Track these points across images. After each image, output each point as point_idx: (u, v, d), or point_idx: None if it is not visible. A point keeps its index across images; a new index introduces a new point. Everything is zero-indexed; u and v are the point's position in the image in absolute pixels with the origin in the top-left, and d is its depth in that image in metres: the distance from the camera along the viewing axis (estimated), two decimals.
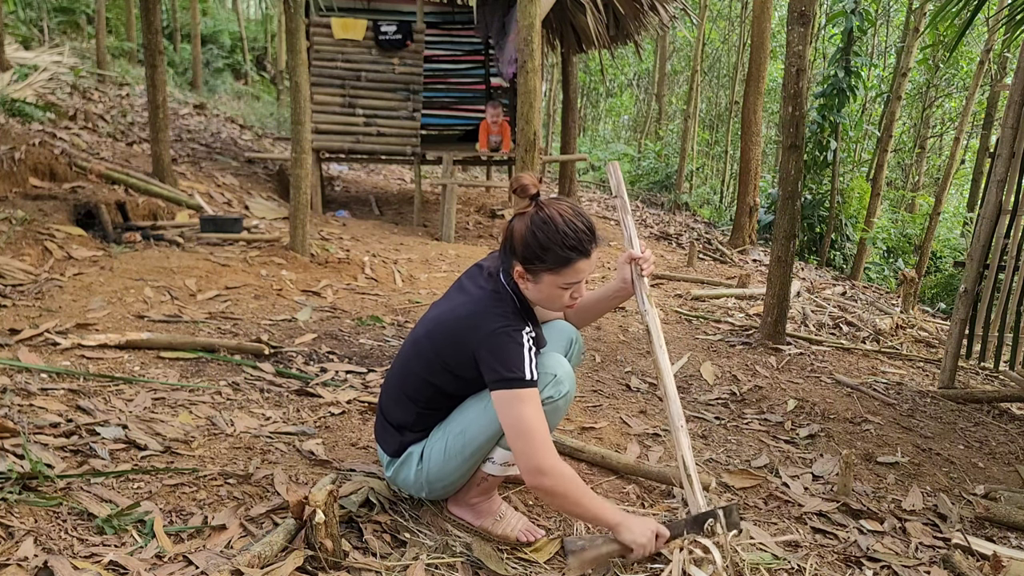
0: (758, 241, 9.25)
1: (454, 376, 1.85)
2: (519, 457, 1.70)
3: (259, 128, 12.22)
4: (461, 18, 9.65)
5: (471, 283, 1.91)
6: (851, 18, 9.32)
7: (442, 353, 1.84)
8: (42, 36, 11.00)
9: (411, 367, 1.91)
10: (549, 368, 1.83)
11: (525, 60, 3.94)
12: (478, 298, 1.83)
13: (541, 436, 1.69)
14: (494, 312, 1.78)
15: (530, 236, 1.76)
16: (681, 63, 19.68)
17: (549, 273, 1.77)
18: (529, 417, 1.69)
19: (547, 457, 1.69)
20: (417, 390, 1.90)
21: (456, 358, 1.81)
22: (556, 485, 1.69)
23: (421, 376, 1.89)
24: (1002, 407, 3.70)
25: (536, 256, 1.76)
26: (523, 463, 1.70)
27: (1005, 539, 2.36)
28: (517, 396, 1.70)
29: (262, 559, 1.66)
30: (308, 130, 5.01)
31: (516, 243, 1.78)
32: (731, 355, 4.01)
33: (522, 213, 1.81)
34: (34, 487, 1.82)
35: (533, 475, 1.68)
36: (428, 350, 1.87)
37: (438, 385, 1.87)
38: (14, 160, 5.31)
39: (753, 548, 2.06)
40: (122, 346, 2.95)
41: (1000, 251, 3.81)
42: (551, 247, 1.74)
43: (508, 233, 1.82)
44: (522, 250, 1.77)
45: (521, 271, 1.80)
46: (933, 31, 9.63)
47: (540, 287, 1.81)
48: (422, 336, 1.91)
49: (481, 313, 1.78)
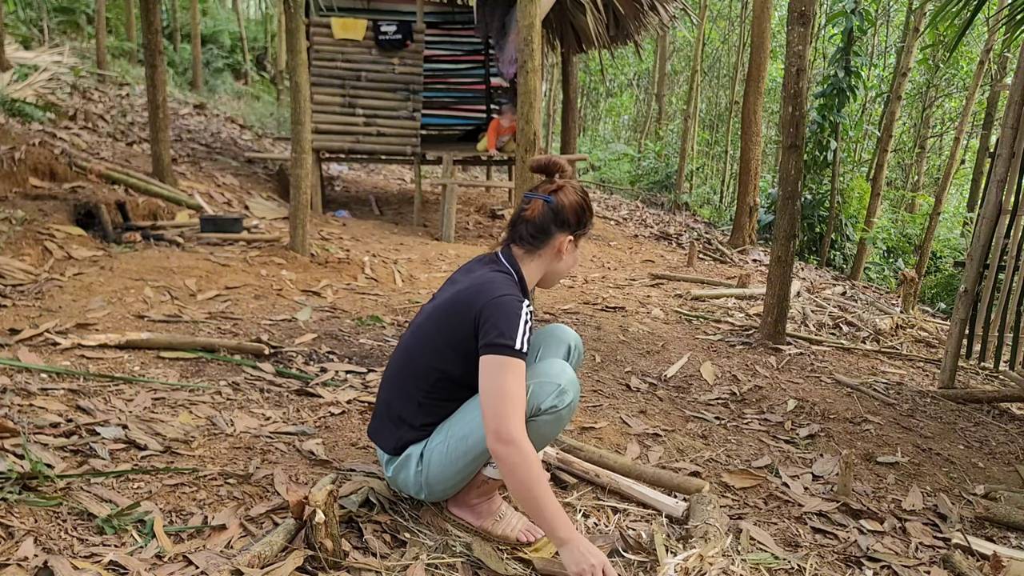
0: (758, 241, 9.25)
1: (455, 353, 1.83)
2: (487, 416, 1.68)
3: (259, 128, 12.22)
4: (461, 18, 9.65)
5: (471, 271, 1.95)
6: (851, 18, 9.32)
7: (443, 328, 1.85)
8: (42, 36, 11.00)
9: (413, 353, 1.91)
10: (554, 377, 1.83)
11: (525, 60, 3.94)
12: (485, 276, 1.87)
13: (515, 404, 1.68)
14: (502, 283, 1.84)
15: (583, 201, 1.93)
16: (681, 63, 19.68)
17: (585, 238, 1.99)
18: (510, 384, 1.69)
19: (516, 426, 1.66)
20: (420, 377, 1.89)
21: (459, 329, 1.81)
22: (515, 459, 1.65)
23: (424, 361, 1.88)
24: (1002, 407, 3.70)
25: (586, 221, 1.95)
26: (490, 423, 1.67)
27: (1005, 539, 2.36)
28: (504, 363, 1.70)
29: (262, 559, 1.66)
30: (308, 130, 5.02)
31: (568, 213, 1.91)
32: (731, 355, 4.01)
33: (560, 187, 1.93)
34: (34, 487, 1.82)
35: (495, 438, 1.66)
36: (431, 331, 1.88)
37: (441, 369, 1.86)
38: (14, 160, 5.31)
39: (753, 548, 2.06)
40: (122, 346, 2.95)
41: (1000, 251, 3.81)
42: (589, 211, 1.96)
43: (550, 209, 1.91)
44: (575, 218, 1.92)
45: (571, 239, 1.94)
46: (933, 31, 9.63)
47: (575, 254, 1.98)
48: (423, 322, 1.93)
49: (490, 282, 1.84)
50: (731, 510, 2.32)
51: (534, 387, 1.81)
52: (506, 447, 1.65)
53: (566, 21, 8.18)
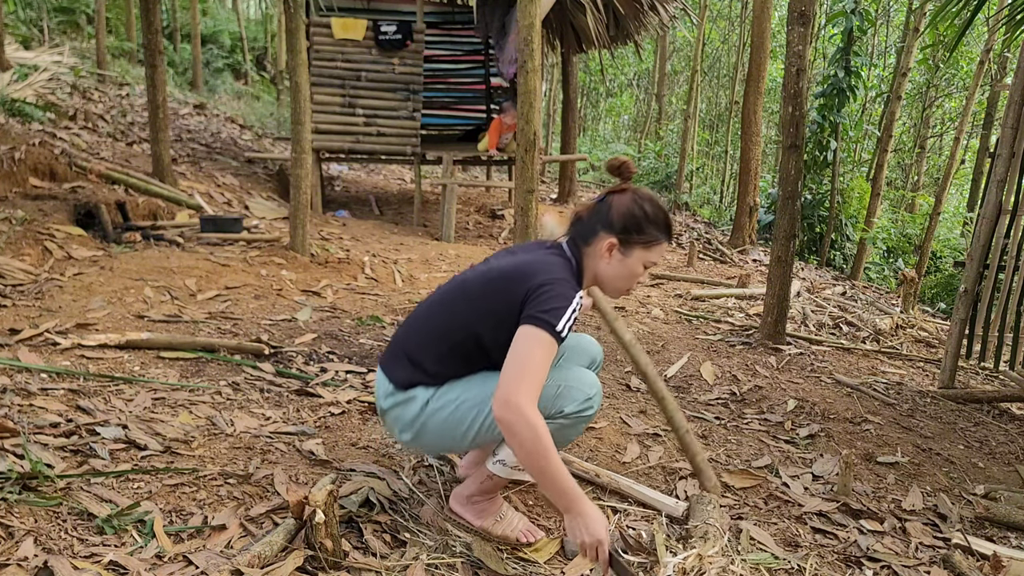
0: (758, 241, 9.24)
1: (494, 319, 1.80)
2: (502, 381, 1.65)
3: (259, 128, 12.22)
4: (461, 18, 9.65)
5: (532, 251, 1.92)
6: (851, 18, 9.32)
7: (491, 292, 1.82)
8: (42, 36, 11.00)
9: (452, 305, 1.89)
10: (586, 388, 1.85)
11: (525, 60, 3.93)
12: (548, 258, 1.86)
13: (534, 379, 1.65)
14: (562, 268, 1.83)
15: (637, 209, 1.86)
16: (681, 63, 19.68)
17: (642, 248, 1.88)
18: (537, 359, 1.67)
19: (526, 396, 1.63)
20: (450, 330, 1.86)
21: (507, 298, 1.78)
22: (520, 427, 1.61)
23: (460, 317, 1.86)
24: (1002, 407, 3.70)
25: (637, 228, 1.86)
26: (502, 388, 1.63)
27: (1005, 539, 2.36)
28: (540, 338, 1.68)
29: (262, 559, 1.66)
30: (308, 130, 5.02)
31: (616, 215, 1.86)
32: (731, 355, 4.01)
33: (622, 190, 1.90)
34: (34, 487, 1.82)
35: (503, 403, 1.62)
36: (477, 291, 1.86)
37: (475, 331, 1.83)
38: (14, 160, 5.30)
39: (753, 548, 2.06)
40: (122, 346, 2.95)
41: (1000, 251, 3.81)
42: (652, 222, 1.87)
43: (602, 207, 1.88)
44: (623, 222, 1.86)
45: (614, 243, 1.87)
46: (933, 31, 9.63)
47: (626, 262, 1.89)
48: (473, 280, 1.89)
49: (551, 264, 1.82)
50: (731, 510, 2.32)
51: (564, 389, 1.82)
52: (512, 414, 1.61)
53: (566, 21, 8.18)
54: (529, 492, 2.25)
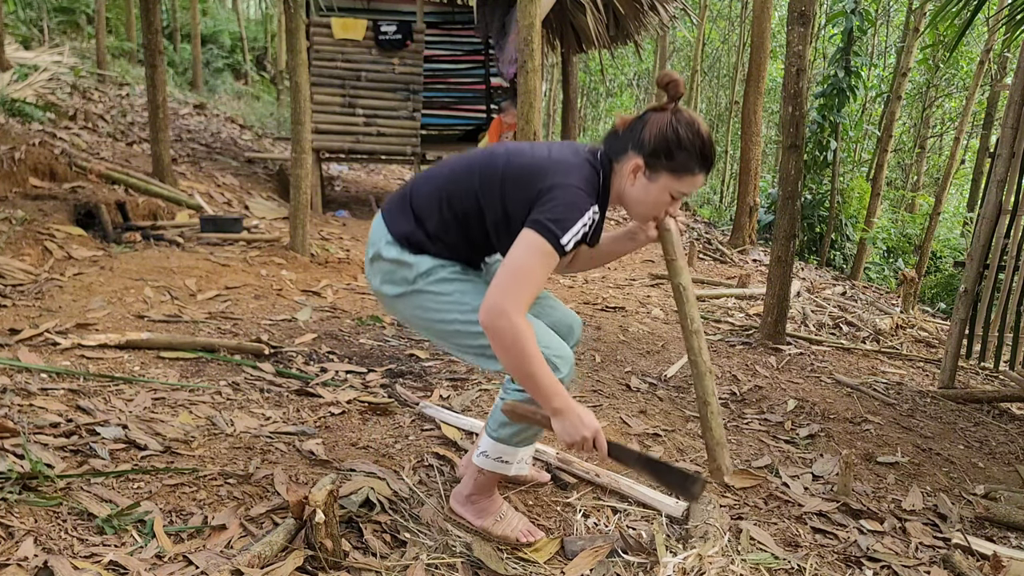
0: (758, 241, 9.25)
1: (502, 206, 1.75)
2: (493, 287, 1.61)
3: (259, 128, 12.22)
4: (461, 18, 9.65)
5: (562, 148, 1.81)
6: (851, 18, 9.32)
7: (510, 179, 1.75)
8: (42, 36, 11.00)
9: (471, 173, 1.80)
10: (554, 350, 1.76)
11: (525, 60, 3.94)
12: (575, 161, 1.75)
13: (527, 288, 1.61)
14: (585, 177, 1.72)
15: (670, 131, 1.71)
16: (681, 63, 19.68)
17: (670, 175, 1.74)
18: (535, 268, 1.62)
19: (514, 304, 1.59)
20: (460, 196, 1.79)
21: (521, 191, 1.72)
22: (505, 331, 1.57)
23: (475, 186, 1.78)
24: (1002, 407, 3.70)
25: (667, 153, 1.72)
26: (491, 294, 1.60)
27: (1005, 539, 2.36)
28: (541, 247, 1.62)
29: (262, 559, 1.66)
30: (308, 130, 5.02)
31: (648, 135, 1.73)
32: (731, 355, 4.00)
33: (662, 109, 1.76)
34: (34, 487, 1.82)
35: (489, 308, 1.59)
36: (498, 172, 1.76)
37: (483, 206, 1.77)
38: (14, 160, 5.31)
39: (753, 548, 2.06)
40: (122, 346, 2.95)
41: (1000, 251, 3.81)
42: (685, 149, 1.71)
43: (636, 124, 1.76)
44: (654, 143, 1.72)
45: (640, 164, 1.75)
46: (933, 31, 9.63)
47: (651, 187, 1.76)
48: (501, 155, 1.79)
49: (576, 168, 1.72)
50: (731, 510, 2.32)
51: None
52: (498, 319, 1.57)
53: (566, 21, 8.18)
54: (529, 492, 2.25)
